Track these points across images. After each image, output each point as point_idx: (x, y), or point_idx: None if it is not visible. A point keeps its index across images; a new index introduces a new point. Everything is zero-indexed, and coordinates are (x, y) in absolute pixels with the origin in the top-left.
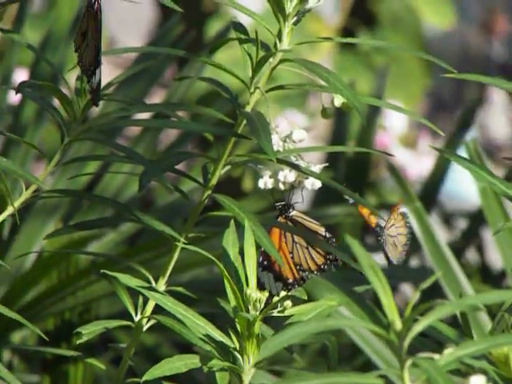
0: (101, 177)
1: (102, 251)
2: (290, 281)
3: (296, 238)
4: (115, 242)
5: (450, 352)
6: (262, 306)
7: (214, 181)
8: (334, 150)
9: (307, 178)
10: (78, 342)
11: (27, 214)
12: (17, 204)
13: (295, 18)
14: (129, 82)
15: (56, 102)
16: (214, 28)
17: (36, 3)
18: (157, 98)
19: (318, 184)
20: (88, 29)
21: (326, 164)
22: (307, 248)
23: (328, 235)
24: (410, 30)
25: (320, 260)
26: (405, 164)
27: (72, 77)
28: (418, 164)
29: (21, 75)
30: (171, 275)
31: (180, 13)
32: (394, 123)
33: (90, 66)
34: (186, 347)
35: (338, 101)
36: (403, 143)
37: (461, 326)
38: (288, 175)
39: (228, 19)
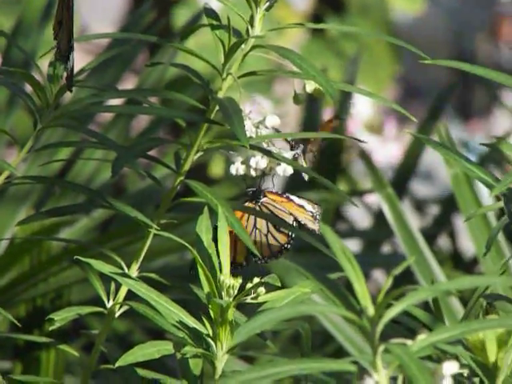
0: (73, 163)
1: (74, 237)
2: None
3: (258, 224)
4: (87, 228)
5: (423, 338)
6: (236, 292)
7: (186, 167)
8: (305, 136)
9: (279, 165)
10: (50, 329)
11: None
12: None
13: (267, 4)
14: (101, 68)
15: (28, 88)
16: (182, 15)
17: None
18: (129, 83)
19: (289, 170)
20: (63, 16)
21: (298, 150)
22: (266, 235)
23: (315, 210)
24: (378, 16)
25: (276, 247)
26: (371, 150)
27: (44, 63)
28: (384, 150)
29: None
30: (143, 262)
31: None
32: (360, 109)
33: (66, 52)
34: (158, 334)
35: (310, 87)
36: (369, 129)
37: (433, 312)
38: (260, 161)
39: (196, 6)
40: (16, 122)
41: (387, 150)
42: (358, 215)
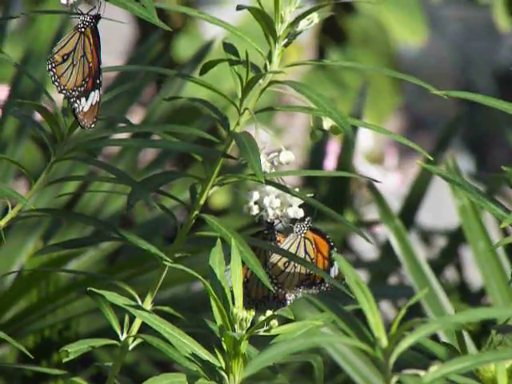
0: (80, 195)
1: (81, 269)
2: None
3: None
4: (95, 260)
5: (435, 369)
6: (249, 325)
7: (201, 201)
8: (314, 174)
9: (290, 206)
10: (64, 360)
11: (7, 232)
12: (3, 222)
13: (285, 41)
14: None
15: (38, 119)
16: (182, 45)
17: (14, 20)
18: (136, 115)
19: (300, 213)
20: (75, 49)
21: (312, 194)
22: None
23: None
24: (380, 47)
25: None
26: (372, 180)
27: (51, 94)
28: (385, 180)
29: (1, 91)
30: (148, 293)
31: (159, 31)
32: (361, 140)
33: (77, 87)
34: (165, 365)
35: (328, 123)
36: (370, 160)
37: (445, 344)
38: (273, 201)
39: (196, 36)
40: (24, 153)
41: (388, 181)
42: (365, 246)
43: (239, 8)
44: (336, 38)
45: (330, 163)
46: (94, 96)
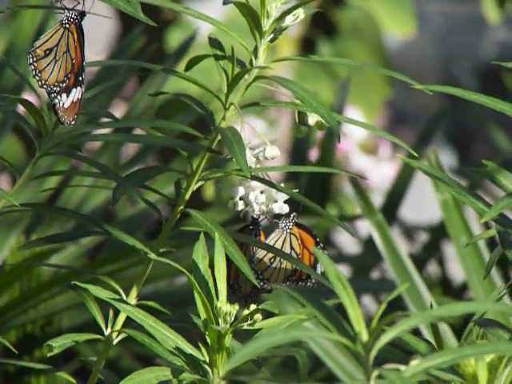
0: (62, 190)
1: (63, 264)
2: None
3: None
4: (76, 255)
5: (416, 363)
6: (232, 319)
7: (187, 196)
8: (298, 169)
9: (276, 202)
10: (48, 355)
11: None
12: None
13: (271, 36)
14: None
15: (22, 112)
16: (174, 37)
17: None
18: (118, 110)
19: (285, 209)
20: (58, 45)
21: (297, 190)
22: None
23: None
24: (370, 39)
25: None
26: (365, 170)
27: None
28: (378, 170)
29: None
30: (132, 288)
31: (141, 25)
32: (354, 129)
33: (59, 83)
34: (148, 359)
35: (313, 119)
36: (363, 150)
37: (424, 339)
38: (258, 196)
39: (188, 28)
40: (6, 147)
41: (381, 171)
42: (347, 241)
43: (226, 2)
44: (326, 30)
45: (316, 153)
46: (76, 93)
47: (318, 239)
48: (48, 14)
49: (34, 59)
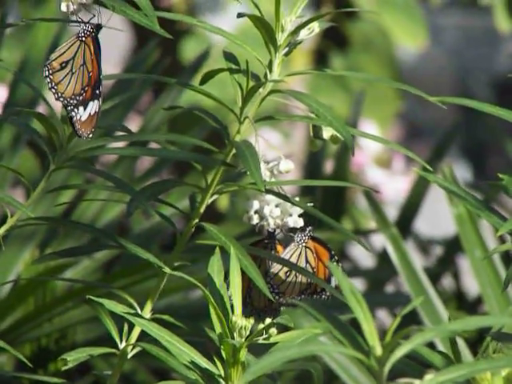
0: (76, 204)
1: (77, 278)
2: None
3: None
4: (91, 269)
5: (431, 377)
6: (248, 333)
7: (201, 209)
8: (312, 183)
9: (291, 216)
10: (63, 369)
11: (4, 241)
12: (1, 231)
13: (286, 50)
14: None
15: (37, 127)
16: (189, 48)
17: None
18: (133, 123)
19: (300, 222)
20: (74, 58)
21: (311, 203)
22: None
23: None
24: (382, 51)
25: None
26: (380, 184)
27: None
28: (392, 184)
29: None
30: (147, 301)
31: (157, 38)
32: (369, 143)
33: (75, 96)
34: (162, 373)
35: (327, 133)
36: (378, 163)
37: (440, 352)
38: (273, 210)
39: (203, 39)
40: (21, 161)
41: (396, 184)
42: (362, 254)
43: (240, 16)
44: (338, 43)
45: (330, 167)
46: (93, 106)
47: (332, 252)
48: (62, 27)
49: (50, 72)
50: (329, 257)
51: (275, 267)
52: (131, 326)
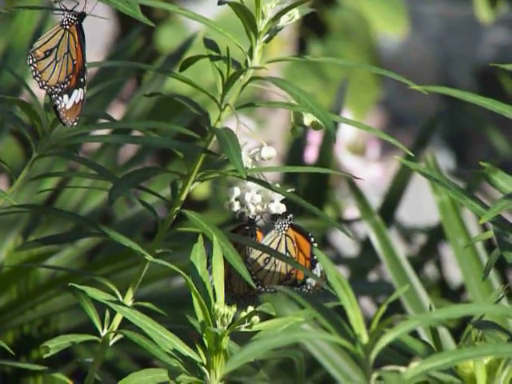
0: (59, 192)
1: (60, 266)
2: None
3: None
4: (73, 257)
5: (416, 365)
6: (230, 321)
7: (182, 197)
8: (294, 170)
9: (272, 202)
10: (44, 356)
11: None
12: None
13: (266, 36)
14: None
15: (20, 115)
16: (165, 36)
17: None
18: (116, 111)
19: (282, 208)
20: (58, 46)
21: (293, 190)
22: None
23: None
24: (361, 39)
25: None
26: (354, 172)
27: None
28: (367, 172)
29: None
30: (129, 289)
31: (140, 26)
32: (343, 130)
33: (60, 84)
34: (144, 360)
35: (308, 119)
36: (352, 150)
37: (423, 341)
38: (255, 197)
39: (180, 27)
40: (3, 149)
41: (370, 172)
42: (345, 242)
43: (220, 3)
44: (317, 30)
45: (312, 154)
46: (78, 94)
47: (314, 242)
48: (46, 15)
49: (34, 60)
50: (310, 248)
51: (254, 253)
52: (113, 314)
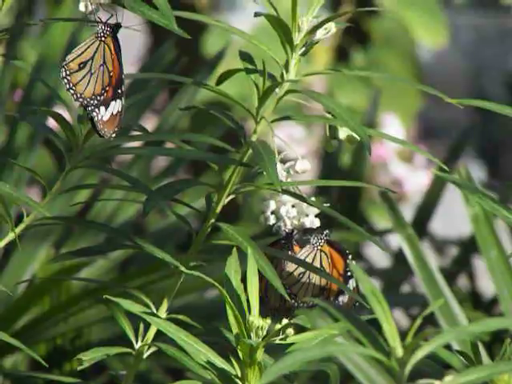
0: (91, 204)
1: (92, 278)
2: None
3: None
4: (105, 269)
5: (450, 379)
6: (264, 333)
7: (218, 209)
8: (328, 184)
9: (307, 216)
10: (78, 368)
11: (20, 240)
12: (18, 230)
13: (303, 49)
14: None
15: (53, 126)
16: (211, 43)
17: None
18: (149, 123)
19: (316, 223)
20: (93, 58)
21: (328, 204)
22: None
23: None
24: (403, 48)
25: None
26: (402, 178)
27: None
28: (414, 178)
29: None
30: (162, 301)
31: (174, 36)
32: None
33: (96, 96)
34: (177, 372)
35: (343, 134)
36: (400, 157)
37: (460, 353)
38: (290, 210)
39: (225, 34)
40: (36, 160)
41: (417, 179)
42: (378, 254)
43: (256, 15)
44: (360, 39)
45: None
46: (116, 105)
47: (349, 258)
48: (79, 27)
49: (68, 73)
50: (344, 265)
51: (289, 267)
52: (146, 326)
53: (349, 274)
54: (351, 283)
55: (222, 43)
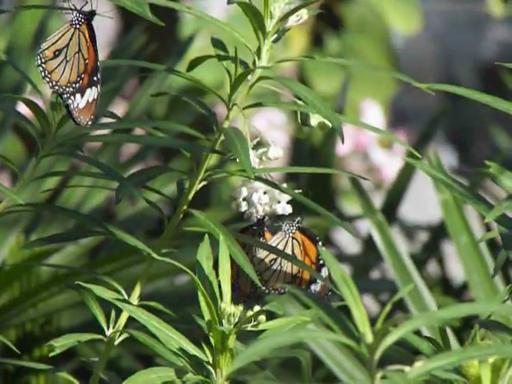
0: (61, 190)
1: (62, 264)
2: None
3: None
4: (76, 255)
5: (421, 364)
6: (236, 320)
7: (190, 196)
8: (299, 170)
9: (279, 203)
10: (50, 355)
11: None
12: None
13: (274, 36)
14: None
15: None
16: (189, 28)
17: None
18: (118, 109)
19: (289, 209)
20: (68, 45)
21: (299, 190)
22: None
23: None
24: (377, 33)
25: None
26: (380, 165)
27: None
28: (393, 164)
29: None
30: (132, 287)
31: (143, 23)
32: (371, 123)
33: (71, 84)
34: (147, 359)
35: (315, 120)
36: (380, 144)
37: (429, 339)
38: (262, 197)
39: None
40: (7, 147)
41: (395, 165)
42: (347, 240)
43: (230, 2)
44: (333, 24)
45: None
46: (91, 93)
47: (320, 244)
48: (48, 14)
49: (43, 60)
50: (316, 252)
51: (260, 254)
52: (117, 312)
53: (321, 262)
54: (323, 271)
55: (198, 25)
